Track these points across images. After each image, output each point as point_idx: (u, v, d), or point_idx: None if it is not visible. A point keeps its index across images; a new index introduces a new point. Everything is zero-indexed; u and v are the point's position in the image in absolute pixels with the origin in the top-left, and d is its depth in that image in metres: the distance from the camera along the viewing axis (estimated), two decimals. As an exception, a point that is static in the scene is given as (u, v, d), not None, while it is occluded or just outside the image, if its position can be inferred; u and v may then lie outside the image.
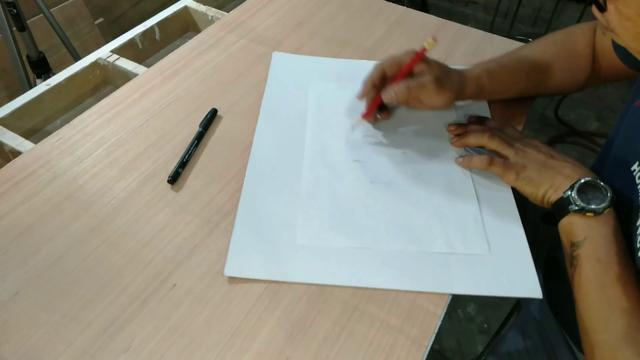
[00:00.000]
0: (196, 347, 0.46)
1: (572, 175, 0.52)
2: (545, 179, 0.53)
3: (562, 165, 0.54)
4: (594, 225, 0.48)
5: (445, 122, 0.67)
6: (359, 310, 0.49)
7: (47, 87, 0.74)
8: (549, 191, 0.53)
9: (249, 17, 0.86)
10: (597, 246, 0.48)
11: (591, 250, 0.48)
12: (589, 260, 0.47)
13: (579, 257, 0.48)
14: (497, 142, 0.58)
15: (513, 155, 0.57)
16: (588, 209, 0.49)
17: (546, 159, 0.55)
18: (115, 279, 0.50)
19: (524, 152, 0.56)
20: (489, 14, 2.53)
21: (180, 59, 0.77)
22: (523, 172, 0.55)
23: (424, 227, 0.55)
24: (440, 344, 1.35)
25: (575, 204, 0.49)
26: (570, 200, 0.50)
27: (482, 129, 0.61)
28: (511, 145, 0.57)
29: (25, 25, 1.21)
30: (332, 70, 0.75)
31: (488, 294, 0.50)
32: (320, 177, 0.60)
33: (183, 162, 0.60)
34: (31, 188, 0.58)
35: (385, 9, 0.90)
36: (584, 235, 0.49)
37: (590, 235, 0.48)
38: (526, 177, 0.55)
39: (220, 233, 0.54)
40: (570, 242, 0.50)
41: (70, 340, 0.46)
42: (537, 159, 0.55)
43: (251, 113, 0.68)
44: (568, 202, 0.50)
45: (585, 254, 0.48)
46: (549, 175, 0.53)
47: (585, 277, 0.47)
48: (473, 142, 0.61)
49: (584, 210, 0.49)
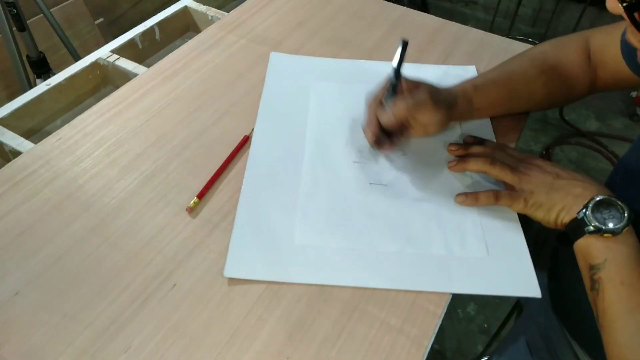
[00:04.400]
0: (196, 347, 0.46)
1: (583, 194, 0.49)
2: (556, 201, 0.51)
3: (571, 185, 0.51)
4: (613, 247, 0.46)
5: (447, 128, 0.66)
6: (359, 310, 0.49)
7: (47, 87, 0.74)
8: (561, 213, 0.51)
9: (249, 17, 0.86)
10: (619, 268, 0.45)
11: (614, 273, 0.45)
12: (612, 284, 0.45)
13: (601, 281, 0.46)
14: (499, 169, 0.55)
15: (517, 182, 0.54)
16: (606, 230, 0.46)
17: (553, 180, 0.52)
18: (115, 279, 0.50)
19: (528, 177, 0.54)
20: (489, 14, 2.53)
21: (180, 59, 0.77)
22: (531, 198, 0.53)
23: (423, 229, 0.55)
24: (440, 344, 1.35)
25: (591, 225, 0.47)
26: (585, 221, 0.47)
27: (482, 153, 0.58)
28: (514, 171, 0.55)
29: (25, 25, 1.21)
30: (332, 71, 0.75)
31: (487, 294, 0.50)
32: (319, 178, 0.60)
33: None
34: (31, 188, 0.58)
35: (385, 9, 0.90)
36: (603, 257, 0.46)
37: (610, 257, 0.46)
38: (535, 202, 0.52)
39: (220, 233, 0.54)
40: (588, 265, 0.48)
41: (70, 340, 0.46)
42: (544, 182, 0.53)
43: (251, 113, 0.68)
44: (583, 223, 0.47)
45: (608, 277, 0.46)
46: (559, 197, 0.51)
47: (610, 302, 0.45)
48: (474, 168, 0.58)
49: (601, 232, 0.46)
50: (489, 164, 0.56)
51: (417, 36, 0.83)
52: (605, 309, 0.45)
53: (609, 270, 0.46)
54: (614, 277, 0.45)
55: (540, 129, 2.00)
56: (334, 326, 0.47)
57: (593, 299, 0.47)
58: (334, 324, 0.48)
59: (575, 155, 1.92)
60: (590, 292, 0.48)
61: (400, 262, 0.52)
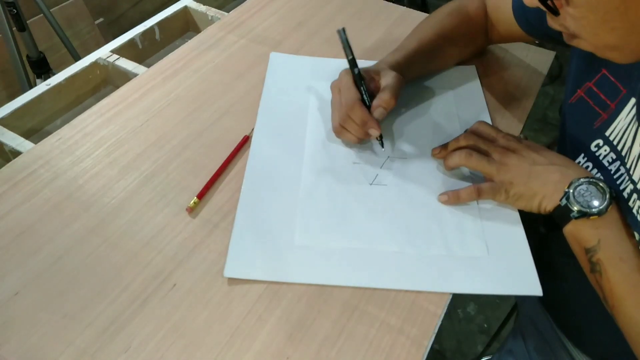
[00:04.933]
0: (196, 347, 0.46)
1: (562, 180, 0.50)
2: (536, 190, 0.51)
3: (548, 171, 0.51)
4: (603, 226, 0.47)
5: (446, 127, 0.67)
6: (359, 310, 0.49)
7: (47, 87, 0.74)
8: (543, 201, 0.51)
9: (249, 17, 0.86)
10: (615, 246, 0.46)
11: (611, 252, 0.46)
12: (612, 263, 0.45)
13: (601, 262, 0.46)
14: (475, 161, 0.55)
15: (496, 173, 0.54)
16: (591, 213, 0.46)
17: (530, 168, 0.52)
18: (115, 279, 0.50)
19: (506, 167, 0.54)
20: (489, 14, 2.53)
21: (180, 59, 0.77)
22: (511, 188, 0.53)
23: (422, 229, 0.55)
24: (440, 344, 1.35)
25: (575, 210, 0.47)
26: (569, 207, 0.48)
27: (457, 145, 0.59)
28: (491, 162, 0.55)
29: (25, 25, 1.22)
30: (332, 71, 0.75)
31: (488, 293, 0.50)
32: (319, 178, 0.60)
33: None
34: (31, 188, 0.58)
35: (385, 9, 0.90)
36: (597, 239, 0.47)
37: (603, 237, 0.46)
38: (515, 193, 0.53)
39: (220, 233, 0.54)
40: (583, 248, 0.48)
41: (70, 340, 0.46)
42: (521, 171, 0.53)
43: (251, 113, 0.68)
44: (567, 210, 0.48)
45: (606, 256, 0.46)
46: (538, 186, 0.51)
47: (615, 281, 0.45)
48: (454, 165, 0.58)
49: (587, 215, 0.47)
50: (465, 157, 0.56)
51: (417, 36, 0.83)
52: (613, 289, 0.46)
53: (606, 250, 0.46)
54: (612, 255, 0.46)
55: (540, 129, 2.00)
56: (334, 326, 0.47)
57: (596, 281, 0.48)
58: (334, 324, 0.48)
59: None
60: (591, 274, 0.48)
61: (401, 262, 0.52)
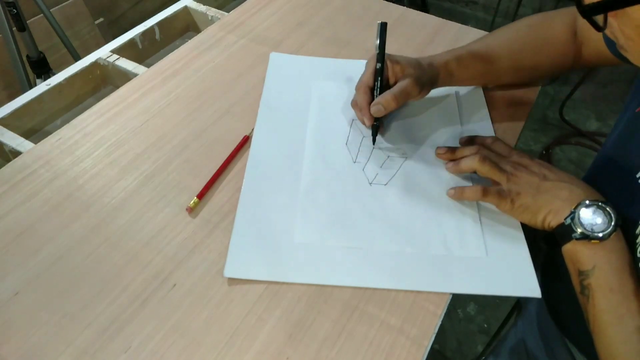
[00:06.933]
0: (196, 347, 0.46)
1: (570, 198, 0.49)
2: (542, 205, 0.51)
3: (557, 187, 0.51)
4: (601, 253, 0.46)
5: (446, 127, 0.67)
6: (359, 310, 0.49)
7: (47, 87, 0.74)
8: (547, 217, 0.50)
9: (249, 17, 0.86)
10: (608, 276, 0.45)
11: (602, 281, 0.45)
12: (601, 291, 0.45)
13: (590, 288, 0.46)
14: (488, 166, 0.55)
15: (505, 181, 0.54)
16: (593, 237, 0.46)
17: (540, 182, 0.52)
18: (115, 279, 0.50)
19: (516, 177, 0.53)
20: (489, 14, 2.53)
21: (180, 59, 0.77)
22: (518, 199, 0.52)
23: (422, 229, 0.55)
24: (440, 344, 1.35)
25: (578, 231, 0.46)
26: (573, 227, 0.47)
27: (472, 151, 0.58)
28: (503, 171, 0.54)
29: (25, 25, 1.21)
30: (332, 71, 0.75)
31: (487, 294, 0.50)
32: (319, 178, 0.60)
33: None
34: (31, 188, 0.58)
35: (385, 9, 0.90)
36: (592, 264, 0.46)
37: (599, 264, 0.46)
38: (522, 204, 0.52)
39: (220, 233, 0.54)
40: (577, 270, 0.48)
41: (70, 340, 0.46)
42: (531, 183, 0.52)
43: (251, 113, 0.68)
44: (570, 229, 0.47)
45: (597, 284, 0.45)
46: (545, 201, 0.51)
47: (600, 309, 0.45)
48: (466, 168, 0.58)
49: (589, 238, 0.46)
50: (478, 162, 0.56)
51: (417, 36, 0.83)
52: (596, 315, 0.45)
53: (598, 277, 0.46)
54: (603, 284, 0.45)
55: (540, 129, 2.00)
56: (334, 326, 0.47)
57: (583, 304, 0.47)
58: (334, 324, 0.48)
59: (575, 155, 1.92)
60: (580, 295, 0.48)
61: (400, 262, 0.52)
